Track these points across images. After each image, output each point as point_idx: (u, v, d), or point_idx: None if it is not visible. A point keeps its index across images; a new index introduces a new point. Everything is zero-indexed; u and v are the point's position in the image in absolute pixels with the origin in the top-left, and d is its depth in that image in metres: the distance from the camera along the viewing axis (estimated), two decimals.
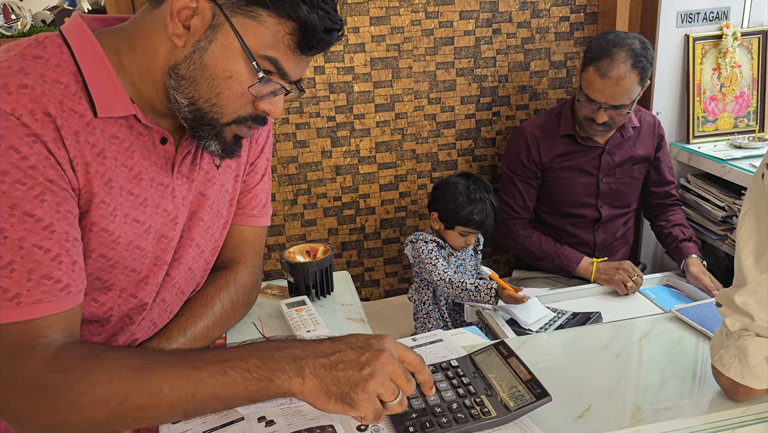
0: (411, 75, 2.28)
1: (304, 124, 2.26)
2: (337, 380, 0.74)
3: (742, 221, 0.88)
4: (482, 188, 1.92)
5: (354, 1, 2.16)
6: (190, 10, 0.81)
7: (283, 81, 0.87)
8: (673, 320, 1.16)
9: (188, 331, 1.03)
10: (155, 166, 0.91)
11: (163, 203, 0.93)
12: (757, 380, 0.86)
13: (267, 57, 0.83)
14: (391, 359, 0.76)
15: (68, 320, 0.80)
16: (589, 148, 2.00)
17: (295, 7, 0.80)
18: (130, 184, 0.89)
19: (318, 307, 1.27)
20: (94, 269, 0.89)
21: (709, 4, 2.24)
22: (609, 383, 0.98)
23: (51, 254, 0.78)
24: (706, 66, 2.27)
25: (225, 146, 0.91)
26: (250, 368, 0.74)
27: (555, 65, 2.38)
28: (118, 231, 0.88)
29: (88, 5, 2.02)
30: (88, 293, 0.91)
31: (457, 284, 1.80)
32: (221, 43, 0.82)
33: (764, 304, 0.84)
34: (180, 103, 0.86)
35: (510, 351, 0.97)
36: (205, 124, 0.88)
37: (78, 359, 0.76)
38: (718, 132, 2.32)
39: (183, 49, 0.84)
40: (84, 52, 0.85)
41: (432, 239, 1.92)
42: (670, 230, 2.07)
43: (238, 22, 0.81)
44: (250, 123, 0.90)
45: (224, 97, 0.85)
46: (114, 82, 0.85)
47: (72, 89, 0.82)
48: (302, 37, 0.83)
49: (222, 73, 0.84)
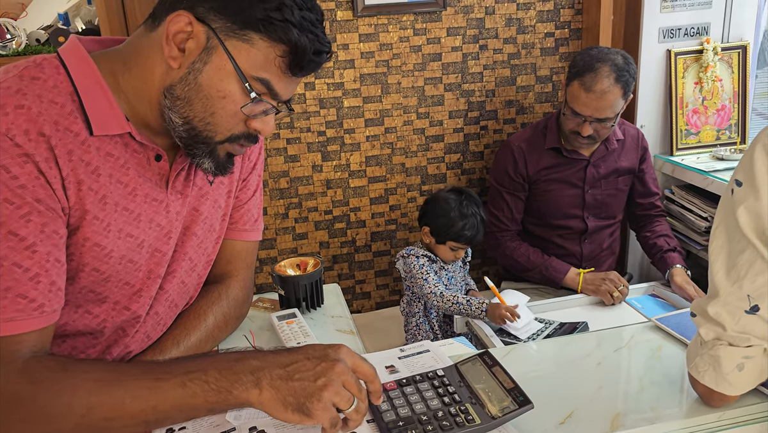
0: (400, 90, 2.32)
1: (295, 139, 2.29)
2: (293, 390, 0.76)
3: (713, 235, 0.92)
4: (473, 204, 1.95)
5: (343, 19, 2.20)
6: (186, 33, 0.85)
7: (273, 101, 0.91)
8: (653, 328, 1.19)
9: (181, 344, 1.06)
10: (150, 183, 0.94)
11: (157, 218, 0.96)
12: (730, 387, 0.90)
13: (259, 78, 0.87)
14: (345, 369, 0.78)
15: (41, 337, 0.83)
16: (574, 161, 2.05)
17: (286, 31, 0.84)
18: (124, 200, 0.91)
19: (308, 319, 1.29)
20: (88, 282, 0.91)
21: (689, 20, 2.29)
22: (590, 390, 1.01)
23: (30, 273, 0.80)
24: (688, 80, 2.33)
25: (218, 163, 0.95)
26: (209, 380, 0.77)
27: (541, 80, 2.43)
28: (111, 245, 0.91)
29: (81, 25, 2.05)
30: (82, 305, 0.94)
31: (448, 297, 1.84)
32: (215, 65, 0.86)
33: (735, 314, 0.88)
34: (175, 123, 0.89)
35: (494, 360, 1.00)
36: (200, 142, 0.91)
37: (44, 371, 0.78)
38: (700, 144, 2.37)
39: (178, 71, 0.87)
40: (80, 72, 0.88)
41: (423, 253, 1.95)
42: (655, 240, 2.11)
43: (232, 45, 0.85)
44: (242, 141, 0.94)
45: (218, 117, 0.89)
46: (110, 101, 0.88)
47: (68, 109, 0.85)
48: (293, 60, 0.87)
49: (216, 93, 0.87)
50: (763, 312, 0.86)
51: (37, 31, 2.00)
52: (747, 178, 0.87)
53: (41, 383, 0.77)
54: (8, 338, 0.79)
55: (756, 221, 0.85)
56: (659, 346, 1.13)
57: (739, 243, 0.87)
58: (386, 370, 1.04)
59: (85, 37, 0.97)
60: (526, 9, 2.33)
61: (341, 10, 2.19)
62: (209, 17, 0.85)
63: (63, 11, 2.11)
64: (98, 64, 0.90)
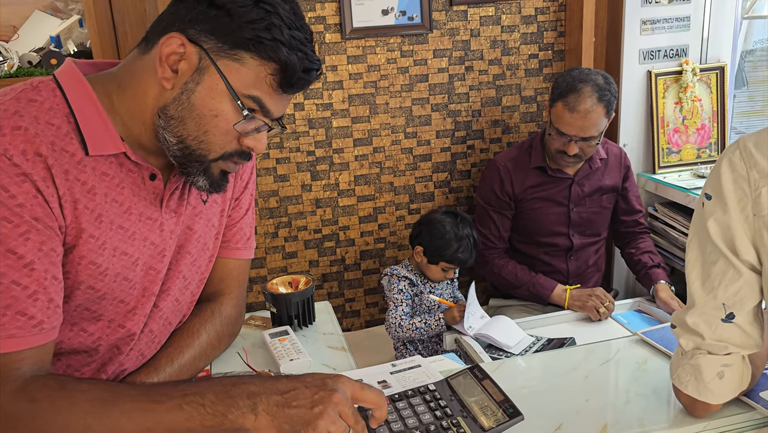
0: (388, 110, 2.36)
1: (284, 159, 2.32)
2: (289, 418, 0.76)
3: (688, 248, 0.95)
4: (467, 226, 1.99)
5: (332, 41, 2.24)
6: (178, 55, 0.87)
7: (265, 118, 0.93)
8: (638, 342, 1.22)
9: (175, 361, 1.07)
10: (144, 201, 0.96)
11: (151, 236, 0.98)
12: (712, 395, 0.92)
13: (250, 96, 0.89)
14: (343, 399, 0.78)
15: (40, 354, 0.84)
16: (559, 180, 2.09)
17: (275, 50, 0.87)
18: (120, 219, 0.93)
19: (300, 336, 1.31)
20: (83, 300, 0.93)
21: (669, 42, 2.36)
22: (578, 402, 1.03)
23: (28, 291, 0.81)
24: (668, 100, 2.39)
25: (212, 181, 0.97)
26: (206, 404, 0.77)
27: (525, 100, 2.48)
28: (106, 264, 0.92)
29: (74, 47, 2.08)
30: (77, 323, 0.95)
31: (407, 326, 1.93)
32: (207, 85, 0.88)
33: (712, 323, 0.91)
34: (169, 142, 0.91)
35: (484, 374, 1.02)
36: (194, 160, 0.93)
37: (44, 390, 0.79)
38: (682, 162, 2.43)
39: (171, 92, 0.89)
40: (76, 95, 0.90)
41: (405, 275, 1.97)
42: (639, 257, 2.15)
43: (223, 65, 0.87)
44: (236, 158, 0.96)
45: (211, 135, 0.91)
46: (105, 122, 0.90)
47: (63, 130, 0.87)
48: (283, 77, 0.89)
49: (209, 112, 0.89)
50: (738, 320, 0.90)
51: (29, 54, 2.02)
52: (715, 193, 0.91)
53: (40, 402, 0.78)
54: (8, 355, 0.80)
55: (725, 232, 0.89)
56: (645, 359, 1.16)
57: (711, 254, 0.91)
58: (378, 385, 1.06)
59: (81, 60, 0.99)
60: (510, 31, 2.39)
61: (330, 32, 2.23)
62: (201, 39, 0.87)
63: (55, 34, 2.13)
64: (93, 87, 0.92)
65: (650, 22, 2.32)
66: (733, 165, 0.89)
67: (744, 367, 0.93)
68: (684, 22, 2.35)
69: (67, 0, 2.24)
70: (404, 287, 1.97)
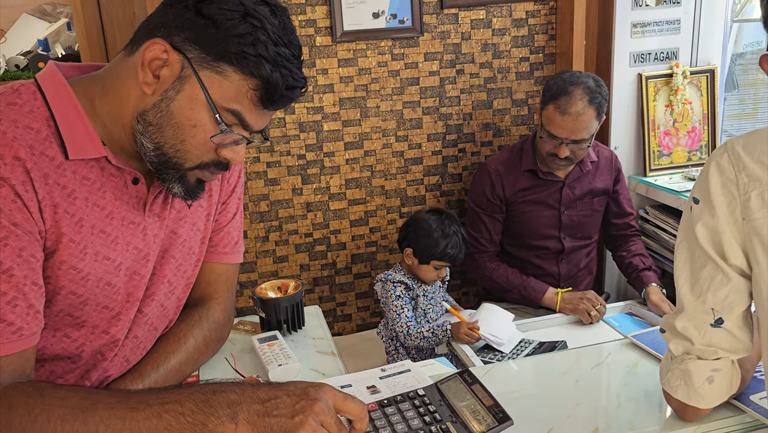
0: (379, 114, 2.35)
1: (275, 163, 2.31)
2: (269, 427, 0.75)
3: (677, 252, 0.95)
4: (453, 222, 1.98)
5: (322, 44, 2.24)
6: (161, 61, 0.86)
7: (245, 132, 0.92)
8: (629, 345, 1.22)
9: (161, 367, 1.05)
10: (127, 206, 0.95)
11: (134, 241, 0.97)
12: (702, 400, 0.92)
13: (230, 110, 0.88)
14: (325, 408, 0.76)
15: (20, 361, 0.82)
16: (550, 183, 2.08)
17: (258, 66, 0.86)
18: (101, 223, 0.92)
19: (289, 341, 1.30)
20: (65, 305, 0.91)
21: (659, 45, 2.37)
22: (569, 406, 1.02)
23: (7, 297, 0.80)
24: (659, 103, 2.39)
25: (188, 189, 0.96)
26: (185, 412, 0.75)
27: (517, 103, 2.48)
28: (87, 268, 0.91)
29: (62, 51, 2.06)
30: (60, 329, 0.93)
31: (415, 335, 1.91)
32: (188, 94, 0.87)
33: (701, 328, 0.90)
34: (146, 147, 0.91)
35: (474, 379, 1.01)
36: (170, 168, 0.92)
37: (21, 397, 0.78)
38: (672, 165, 2.43)
39: (152, 97, 0.88)
40: (57, 98, 0.89)
41: (400, 279, 1.96)
42: (630, 259, 2.15)
43: (205, 76, 0.86)
44: (212, 168, 0.95)
45: (188, 144, 0.90)
46: (86, 125, 0.89)
47: (43, 134, 0.86)
48: (265, 93, 0.88)
49: (187, 121, 0.88)
50: (727, 325, 0.89)
51: (16, 57, 2.00)
52: (703, 196, 0.90)
53: (17, 409, 0.76)
54: None
55: (713, 236, 0.89)
56: (635, 362, 1.15)
57: (699, 258, 0.90)
58: (367, 390, 1.05)
59: (64, 63, 0.98)
60: (501, 34, 2.39)
61: (320, 35, 2.23)
62: (185, 47, 0.86)
63: (43, 37, 2.11)
64: (75, 89, 0.91)
65: (641, 25, 2.32)
66: (722, 168, 0.88)
67: (734, 371, 0.93)
68: (674, 25, 2.35)
69: (55, 3, 2.22)
70: (401, 292, 1.96)
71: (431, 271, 1.97)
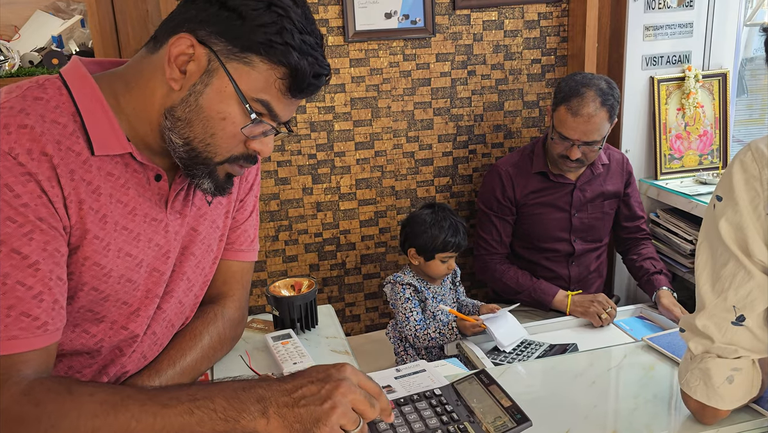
0: (390, 114, 2.35)
1: (285, 162, 2.31)
2: (300, 417, 0.76)
3: (698, 251, 0.95)
4: (448, 213, 1.98)
5: (334, 44, 2.24)
6: (187, 56, 0.86)
7: (273, 122, 0.92)
8: (645, 348, 1.21)
9: (177, 364, 1.05)
10: (149, 202, 0.95)
11: (156, 238, 0.96)
12: (722, 400, 0.91)
13: (259, 100, 0.88)
14: (352, 387, 0.78)
15: (44, 356, 0.82)
16: (561, 185, 2.08)
17: (286, 54, 0.86)
18: (124, 220, 0.92)
19: (303, 340, 1.29)
20: (87, 301, 0.91)
21: (671, 48, 2.36)
22: (586, 408, 1.02)
23: (33, 291, 0.80)
24: (671, 106, 2.38)
25: (217, 184, 0.96)
26: (216, 409, 0.76)
27: (528, 105, 2.47)
28: (110, 265, 0.91)
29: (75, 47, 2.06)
30: (80, 325, 0.93)
31: (422, 337, 1.91)
32: (216, 87, 0.87)
33: (722, 326, 0.90)
34: (175, 143, 0.90)
35: (491, 379, 1.01)
36: (199, 163, 0.92)
37: (49, 393, 0.78)
38: (684, 169, 2.42)
39: (179, 93, 0.88)
40: (82, 93, 0.89)
41: (408, 282, 1.96)
42: (641, 263, 2.14)
43: (232, 68, 0.86)
44: (241, 162, 0.95)
45: (218, 138, 0.90)
46: (111, 121, 0.89)
47: (69, 129, 0.86)
48: (293, 82, 0.88)
49: (216, 114, 0.88)
50: (748, 323, 0.89)
51: (30, 53, 2.01)
52: (726, 194, 0.90)
53: (45, 405, 0.76)
54: (12, 356, 0.78)
55: (736, 232, 0.88)
56: (652, 365, 1.15)
57: (722, 256, 0.90)
58: (383, 390, 1.05)
59: (87, 59, 0.98)
60: (513, 36, 2.39)
61: (332, 35, 2.23)
62: (211, 40, 0.86)
63: (57, 34, 2.11)
64: (100, 85, 0.90)
65: (653, 28, 2.32)
66: (745, 166, 0.88)
67: (754, 372, 0.92)
68: (687, 28, 2.35)
69: (69, 0, 2.23)
70: (410, 294, 1.95)
71: (439, 265, 1.96)
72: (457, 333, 1.84)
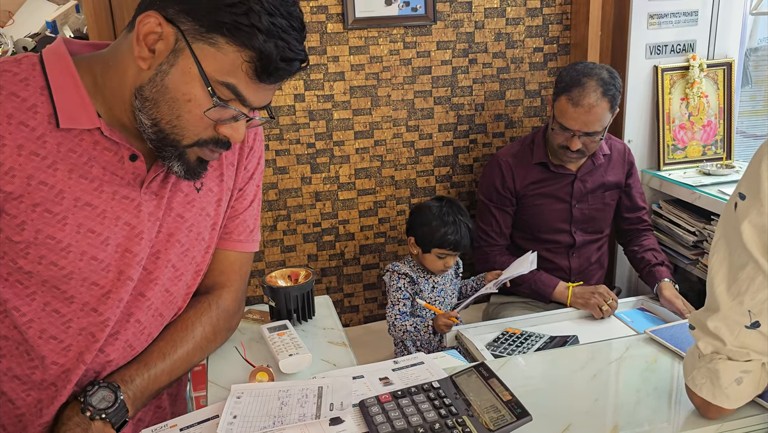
0: (389, 103, 2.32)
1: (284, 151, 2.28)
2: None
3: (714, 248, 0.90)
4: (456, 211, 1.95)
5: (333, 31, 2.20)
6: (156, 35, 0.85)
7: (243, 108, 0.89)
8: (647, 341, 1.19)
9: (168, 357, 1.03)
10: (121, 181, 0.94)
11: (125, 216, 0.94)
12: (728, 400, 0.89)
13: (225, 83, 0.86)
14: None
15: None
16: (561, 176, 2.05)
17: (251, 37, 0.83)
18: (87, 196, 0.91)
19: (300, 331, 1.27)
20: (49, 276, 0.91)
21: (676, 37, 2.32)
22: (587, 402, 1.00)
23: None
24: (674, 96, 2.35)
25: (188, 168, 0.94)
26: None
27: (530, 94, 2.44)
28: (67, 239, 0.90)
29: (70, 33, 2.03)
30: (50, 303, 0.93)
31: (399, 327, 1.90)
32: (181, 68, 0.85)
33: (735, 329, 0.87)
34: (144, 124, 0.89)
35: (490, 372, 0.99)
36: (168, 145, 0.91)
37: None
38: (687, 159, 2.39)
39: (147, 72, 0.87)
40: (56, 69, 0.89)
41: (405, 272, 1.94)
42: (643, 254, 2.12)
43: (198, 48, 0.84)
44: (211, 146, 0.93)
45: (184, 120, 0.88)
46: (82, 96, 0.89)
47: (28, 103, 0.86)
48: (260, 66, 0.85)
49: (182, 96, 0.87)
50: (763, 328, 0.85)
51: (24, 39, 1.98)
52: (751, 192, 0.85)
53: None
54: None
55: (760, 235, 0.84)
56: (654, 358, 1.13)
57: (740, 258, 0.86)
58: (380, 382, 1.03)
59: (77, 41, 0.97)
60: (515, 24, 2.35)
61: (332, 22, 2.19)
62: (179, 19, 0.84)
63: (51, 19, 2.08)
64: (78, 64, 0.91)
65: (657, 17, 2.28)
66: None
67: (763, 373, 0.89)
68: (692, 16, 2.31)
69: None
70: (403, 285, 1.93)
71: (435, 260, 1.94)
72: (431, 332, 1.84)
